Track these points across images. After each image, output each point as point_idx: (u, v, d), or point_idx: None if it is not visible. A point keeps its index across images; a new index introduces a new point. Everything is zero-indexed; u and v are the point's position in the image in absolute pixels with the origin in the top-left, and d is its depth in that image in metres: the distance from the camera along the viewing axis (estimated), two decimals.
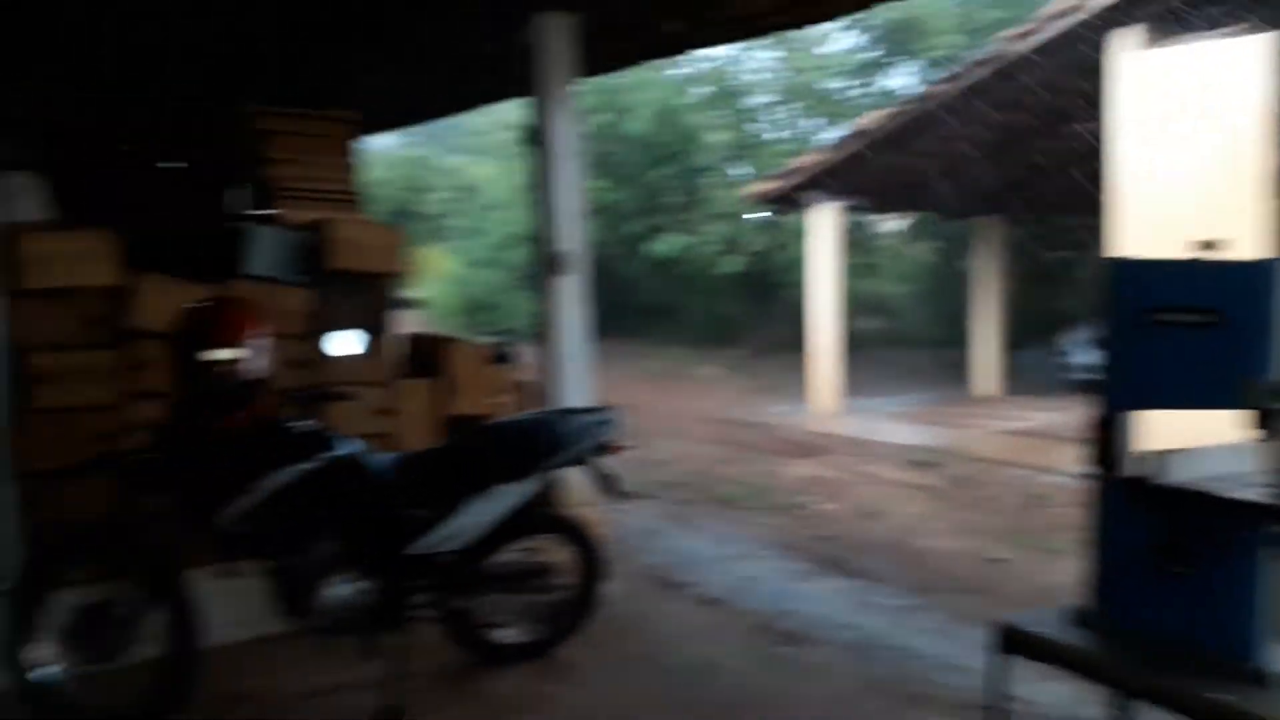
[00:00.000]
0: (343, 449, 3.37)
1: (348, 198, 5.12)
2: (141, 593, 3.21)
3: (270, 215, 4.64)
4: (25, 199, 3.88)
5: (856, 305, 13.41)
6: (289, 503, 3.22)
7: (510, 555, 3.70)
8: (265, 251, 4.25)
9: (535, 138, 4.81)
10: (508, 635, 3.80)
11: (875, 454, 8.57)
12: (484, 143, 20.59)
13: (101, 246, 3.80)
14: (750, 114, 17.91)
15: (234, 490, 3.17)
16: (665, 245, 16.31)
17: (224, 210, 4.56)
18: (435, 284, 19.37)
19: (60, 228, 3.89)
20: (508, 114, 11.28)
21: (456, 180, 21.98)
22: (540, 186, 4.82)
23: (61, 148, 4.47)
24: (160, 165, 4.53)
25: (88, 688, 3.22)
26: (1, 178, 3.67)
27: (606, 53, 5.56)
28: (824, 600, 4.77)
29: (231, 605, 3.47)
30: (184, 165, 4.50)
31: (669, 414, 10.92)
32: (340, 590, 3.35)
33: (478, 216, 19.82)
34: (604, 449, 3.69)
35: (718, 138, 16.94)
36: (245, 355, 3.21)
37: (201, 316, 3.26)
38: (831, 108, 17.05)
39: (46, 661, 3.16)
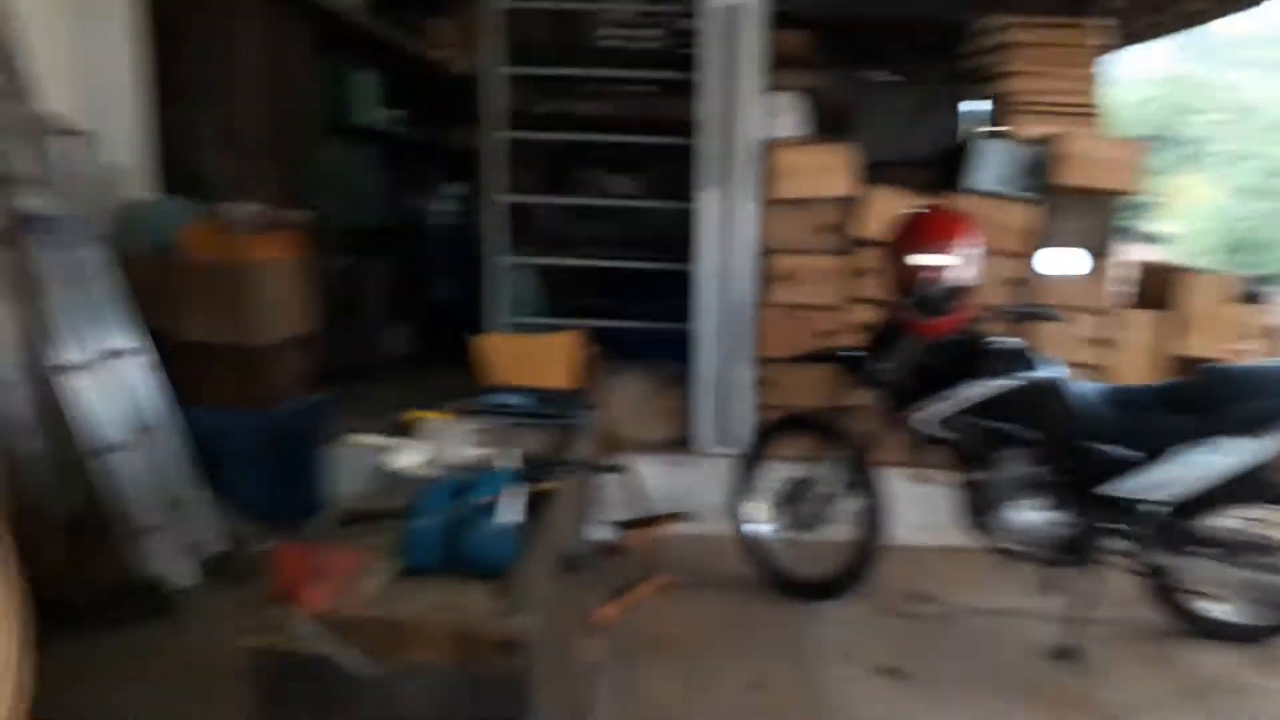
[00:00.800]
0: (1044, 371, 3.19)
1: (1086, 111, 4.76)
2: (840, 477, 3.49)
3: (1001, 129, 4.55)
4: (787, 117, 4.36)
5: None
6: (982, 416, 3.18)
7: (1230, 521, 3.17)
8: (992, 166, 4.20)
9: None
10: (1218, 609, 3.30)
11: None
12: (1270, 56, 17.34)
13: (841, 160, 4.13)
14: None
15: (930, 395, 3.24)
16: None
17: (956, 126, 4.60)
18: (1190, 216, 17.19)
19: (808, 142, 4.31)
20: None
21: (1230, 100, 18.99)
22: None
23: (827, 70, 4.92)
24: (877, 80, 4.73)
25: (785, 549, 3.64)
26: (769, 98, 4.16)
27: None
28: None
29: (917, 508, 3.61)
30: (900, 79, 4.63)
31: None
32: (1028, 516, 3.23)
33: (1251, 140, 16.90)
34: None
35: None
36: (952, 263, 3.20)
37: (913, 223, 3.34)
38: None
39: (759, 519, 3.67)
